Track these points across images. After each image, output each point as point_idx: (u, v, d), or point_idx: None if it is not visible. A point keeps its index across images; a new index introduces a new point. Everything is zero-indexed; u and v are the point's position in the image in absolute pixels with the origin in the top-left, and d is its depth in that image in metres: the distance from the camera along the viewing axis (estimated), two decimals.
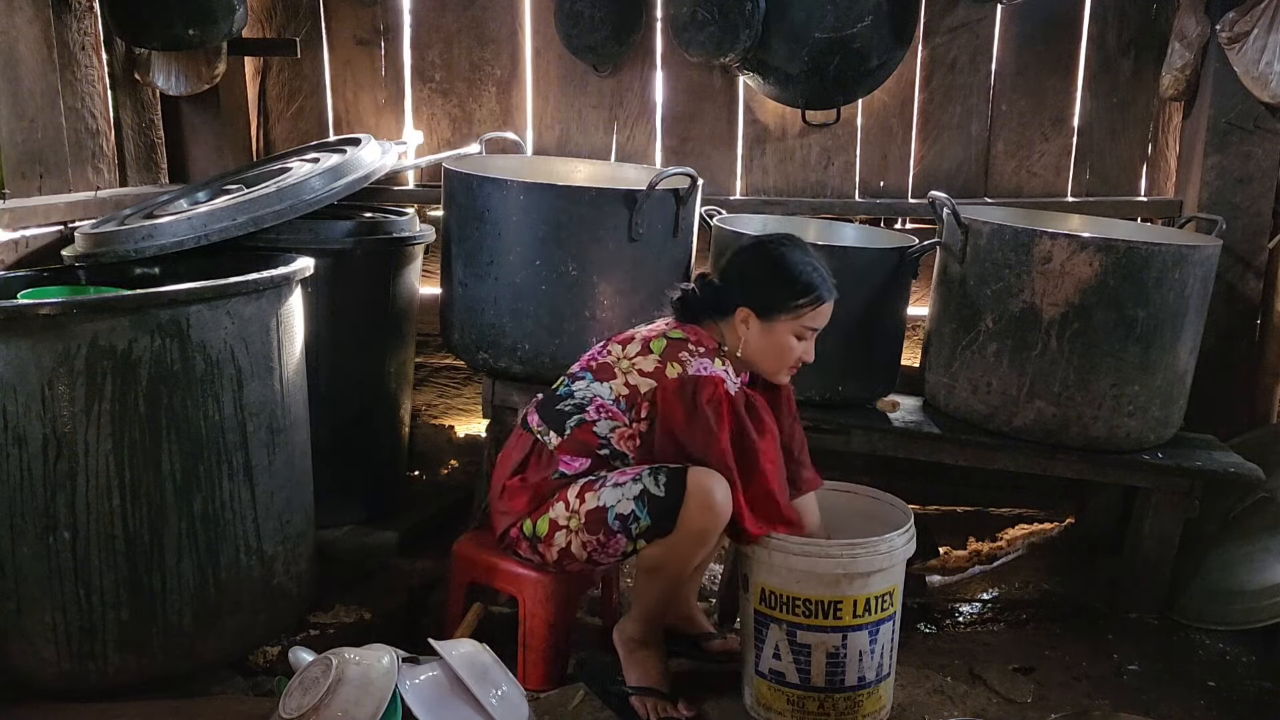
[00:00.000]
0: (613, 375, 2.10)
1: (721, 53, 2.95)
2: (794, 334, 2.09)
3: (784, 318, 2.07)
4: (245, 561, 2.20)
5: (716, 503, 1.95)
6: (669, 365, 2.04)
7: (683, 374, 2.02)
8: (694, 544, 1.99)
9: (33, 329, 1.92)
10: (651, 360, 2.07)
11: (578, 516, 2.04)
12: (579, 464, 2.10)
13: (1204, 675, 2.31)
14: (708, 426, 1.98)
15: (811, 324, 2.09)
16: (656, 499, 1.97)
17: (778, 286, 2.07)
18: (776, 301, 2.07)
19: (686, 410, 2.00)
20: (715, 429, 1.97)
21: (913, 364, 3.07)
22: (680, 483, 1.96)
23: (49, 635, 2.04)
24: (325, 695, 1.73)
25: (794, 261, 2.09)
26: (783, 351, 2.10)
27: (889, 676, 2.07)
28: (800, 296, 2.06)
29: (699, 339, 2.10)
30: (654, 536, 2.00)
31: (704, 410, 1.98)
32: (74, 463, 1.97)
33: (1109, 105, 3.20)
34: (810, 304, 2.07)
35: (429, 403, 3.55)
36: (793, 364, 2.13)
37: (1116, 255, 2.37)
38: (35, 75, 2.76)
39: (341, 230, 2.76)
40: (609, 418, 2.08)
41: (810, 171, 3.30)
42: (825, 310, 2.10)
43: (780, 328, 2.08)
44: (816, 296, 2.07)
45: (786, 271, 2.08)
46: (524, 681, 2.11)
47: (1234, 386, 3.05)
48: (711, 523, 1.96)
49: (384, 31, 3.37)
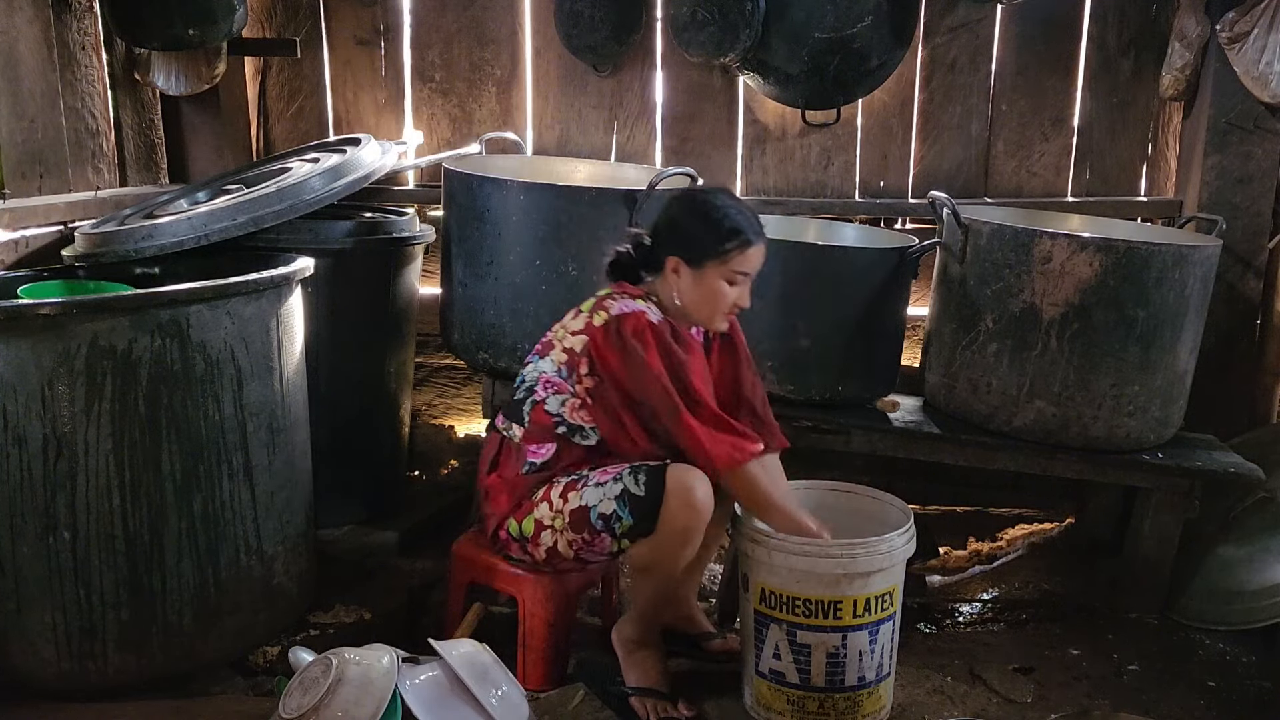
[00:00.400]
0: (552, 347, 2.14)
1: (721, 53, 2.95)
2: (724, 279, 2.07)
3: (712, 263, 2.06)
4: (245, 561, 2.20)
5: (697, 500, 1.96)
6: (595, 315, 2.09)
7: (607, 317, 2.06)
8: (678, 542, 1.99)
9: (33, 329, 1.92)
10: (581, 318, 2.11)
11: (562, 516, 2.05)
12: (545, 450, 2.12)
13: (1204, 675, 2.31)
14: (639, 359, 2.01)
15: (740, 268, 2.07)
16: (637, 498, 1.98)
17: (704, 233, 2.07)
18: (704, 248, 2.07)
19: (618, 350, 2.04)
20: (645, 356, 2.00)
21: (913, 364, 3.07)
22: (659, 481, 1.97)
23: (49, 635, 2.04)
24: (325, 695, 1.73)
25: (719, 206, 2.09)
26: (715, 297, 2.09)
27: (889, 676, 2.07)
28: (726, 241, 2.05)
29: (624, 289, 2.13)
30: (637, 536, 2.00)
31: (631, 344, 2.01)
32: (74, 463, 1.97)
33: (1109, 105, 3.20)
34: (737, 248, 2.05)
35: (429, 403, 3.55)
36: (727, 310, 2.12)
37: (1116, 255, 2.37)
38: (35, 75, 2.76)
39: (341, 230, 2.76)
40: (555, 391, 2.11)
41: (810, 171, 3.30)
42: (754, 254, 2.08)
43: (710, 274, 2.07)
44: (744, 240, 2.06)
45: (712, 218, 2.07)
46: (524, 681, 2.11)
47: (1234, 386, 3.05)
48: (693, 520, 1.97)
49: (384, 31, 3.37)
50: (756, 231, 2.09)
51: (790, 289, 2.56)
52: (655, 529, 1.98)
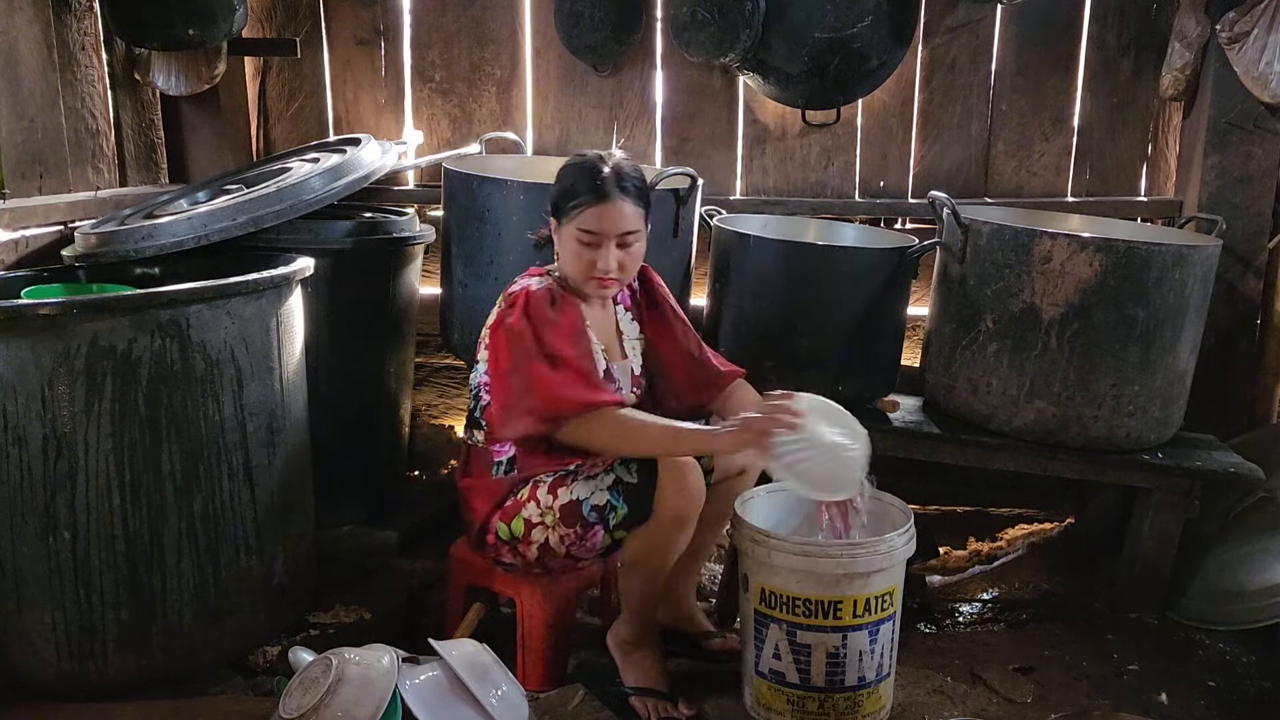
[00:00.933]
0: (480, 348, 2.16)
1: (721, 53, 2.95)
2: (575, 239, 2.06)
3: (564, 222, 2.08)
4: (245, 561, 2.20)
5: (690, 484, 1.97)
6: (500, 301, 2.12)
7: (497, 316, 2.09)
8: (673, 528, 2.00)
9: (33, 329, 1.92)
10: (495, 310, 2.13)
11: (552, 512, 2.05)
12: (506, 448, 2.14)
13: (1204, 675, 2.31)
14: (505, 325, 2.02)
15: (585, 226, 2.04)
16: (631, 485, 1.99)
17: (559, 192, 2.10)
18: (557, 206, 2.10)
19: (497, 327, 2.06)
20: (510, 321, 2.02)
21: (913, 364, 3.07)
22: (653, 467, 1.98)
23: (49, 635, 2.04)
24: (325, 695, 1.73)
25: (576, 165, 2.10)
26: (573, 258, 2.08)
27: (889, 676, 2.07)
28: (572, 199, 2.05)
29: (531, 271, 2.16)
30: (632, 524, 2.01)
31: (504, 315, 2.04)
32: (74, 463, 1.97)
33: (1109, 105, 3.20)
34: (580, 207, 2.04)
35: (429, 403, 3.55)
36: (590, 273, 2.08)
37: (1116, 255, 2.37)
38: (35, 75, 2.76)
39: (341, 230, 2.76)
40: (490, 392, 2.13)
41: (810, 171, 3.30)
42: (601, 212, 2.03)
43: (565, 233, 2.08)
44: (582, 199, 2.04)
45: (570, 176, 2.09)
46: (524, 682, 2.11)
47: (1234, 386, 3.05)
48: (688, 504, 1.98)
49: (384, 31, 3.37)
50: (604, 191, 2.03)
51: (790, 289, 2.56)
52: (650, 515, 1.99)
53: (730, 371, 2.32)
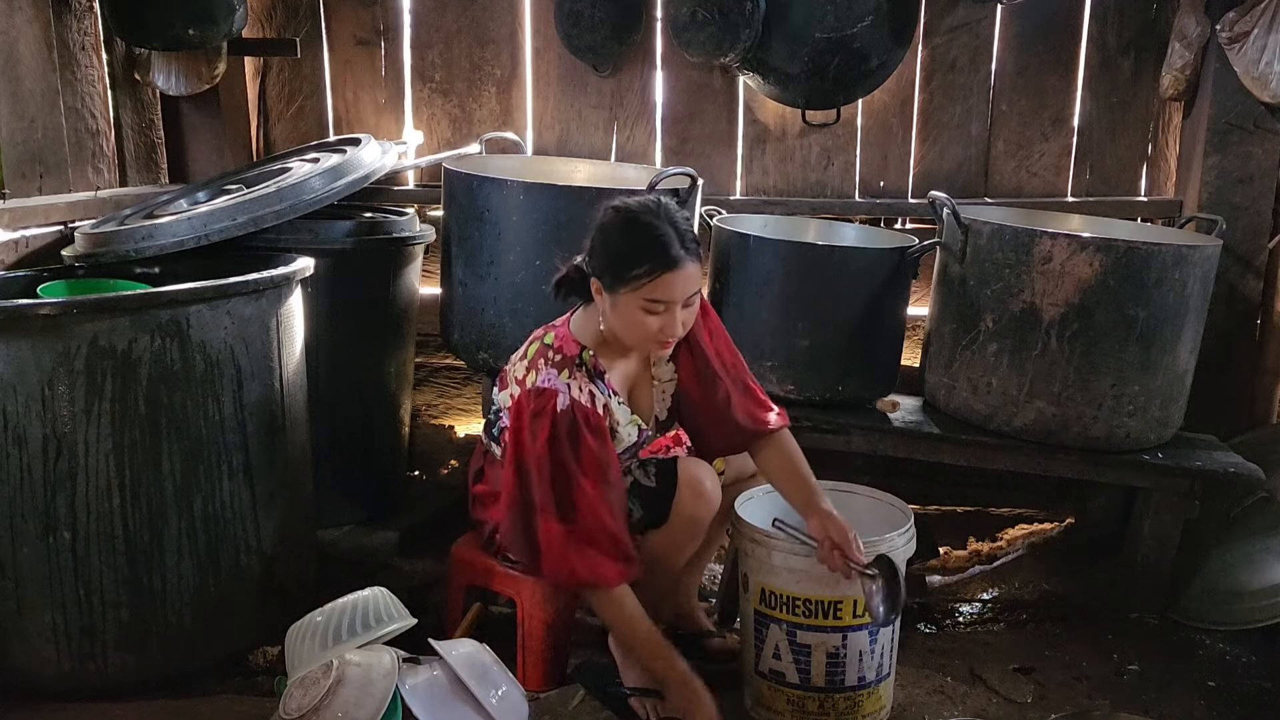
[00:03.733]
0: (506, 384, 2.09)
1: (721, 53, 2.95)
2: (640, 309, 1.86)
3: (624, 290, 1.86)
4: (245, 561, 2.20)
5: (707, 490, 1.98)
6: (529, 373, 1.96)
7: (531, 386, 1.93)
8: (688, 533, 2.00)
9: (33, 329, 1.92)
10: (522, 367, 2.00)
11: None
12: None
13: (1204, 675, 2.31)
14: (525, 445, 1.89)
15: (654, 296, 1.85)
16: (648, 490, 1.99)
17: (617, 257, 1.87)
18: (615, 273, 1.87)
19: (514, 430, 1.95)
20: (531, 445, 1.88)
21: (913, 364, 3.07)
22: (671, 471, 1.98)
23: (49, 635, 2.04)
24: (325, 695, 1.73)
25: (630, 226, 1.88)
26: (634, 326, 1.89)
27: (889, 676, 2.06)
28: (634, 268, 1.84)
29: (562, 345, 1.98)
30: (647, 528, 2.01)
31: (526, 428, 1.90)
32: (74, 463, 1.97)
33: (1109, 105, 3.20)
34: (646, 276, 1.83)
35: (429, 403, 3.55)
36: (657, 339, 1.91)
37: (1116, 255, 2.37)
38: (35, 75, 2.76)
39: (341, 230, 2.76)
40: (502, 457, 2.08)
41: (810, 171, 3.30)
42: (670, 281, 1.84)
43: (623, 301, 1.87)
44: (652, 269, 1.83)
45: (624, 239, 1.87)
46: (524, 682, 2.11)
47: (1234, 386, 3.04)
48: (704, 509, 1.98)
49: (384, 31, 3.37)
50: (674, 257, 1.84)
51: (790, 289, 2.56)
52: (667, 519, 1.98)
53: (754, 431, 2.08)
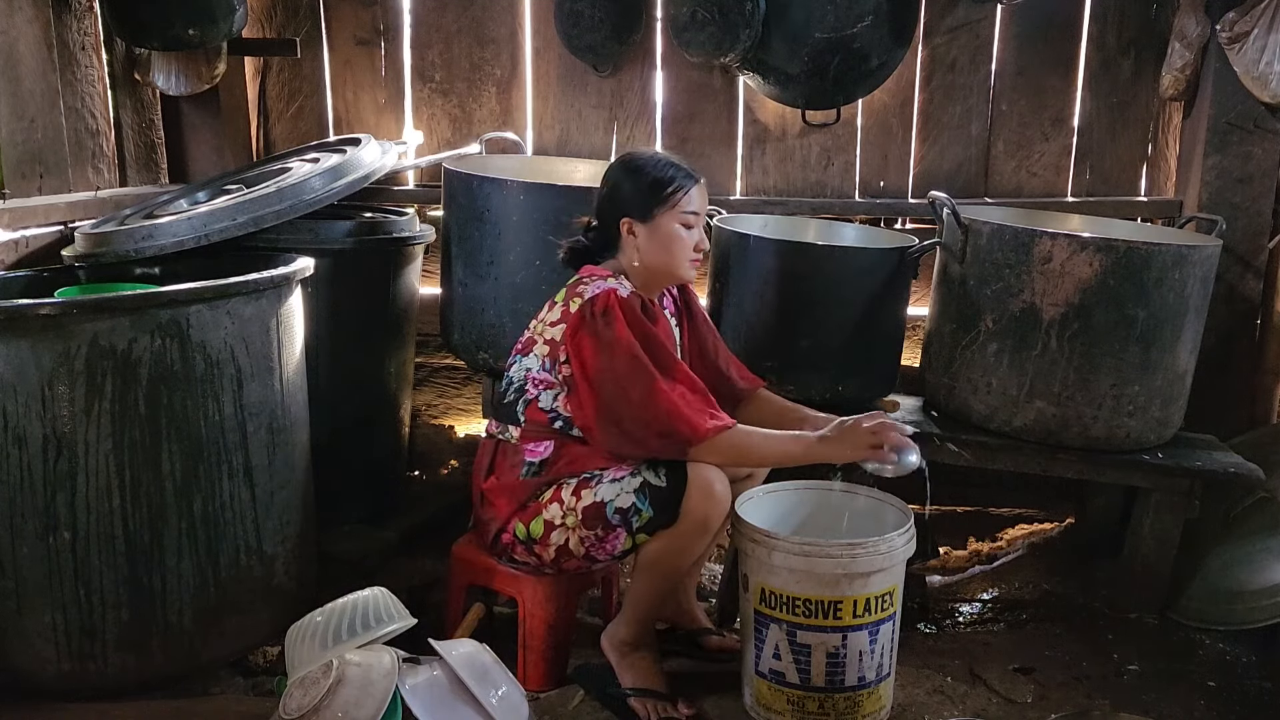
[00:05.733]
0: (534, 343, 2.15)
1: (721, 53, 2.95)
2: (680, 223, 2.15)
3: (662, 211, 2.13)
4: (245, 561, 2.20)
5: (717, 492, 1.98)
6: (570, 302, 2.10)
7: (581, 302, 2.08)
8: (697, 533, 2.01)
9: (33, 329, 1.92)
10: (557, 309, 2.13)
11: (574, 514, 2.04)
12: (543, 448, 2.12)
13: (1204, 675, 2.31)
14: (610, 336, 2.02)
15: (688, 208, 2.15)
16: (658, 489, 1.99)
17: (647, 186, 2.14)
18: (651, 198, 2.13)
19: (590, 333, 2.05)
20: (615, 331, 2.02)
21: (913, 364, 3.07)
22: (681, 472, 1.98)
23: (49, 635, 2.04)
24: (325, 695, 1.73)
25: (648, 160, 2.19)
26: (674, 242, 2.15)
27: (889, 676, 2.07)
28: (668, 186, 2.13)
29: (592, 272, 2.17)
30: (656, 528, 2.01)
31: (600, 323, 2.03)
32: (74, 463, 1.97)
33: (1109, 105, 3.20)
34: (679, 189, 2.13)
35: (429, 403, 3.55)
36: (691, 255, 2.17)
37: (1116, 255, 2.37)
38: (35, 75, 2.76)
39: (341, 230, 2.76)
40: (546, 387, 2.12)
41: (810, 171, 3.30)
42: (696, 194, 2.16)
43: (663, 222, 2.14)
44: (681, 182, 2.14)
45: (648, 170, 2.15)
46: (524, 682, 2.11)
47: (1234, 386, 3.05)
48: (714, 510, 1.99)
49: (384, 31, 3.37)
50: (689, 173, 2.17)
51: (790, 289, 2.56)
52: (677, 520, 1.99)
53: (745, 387, 2.36)
